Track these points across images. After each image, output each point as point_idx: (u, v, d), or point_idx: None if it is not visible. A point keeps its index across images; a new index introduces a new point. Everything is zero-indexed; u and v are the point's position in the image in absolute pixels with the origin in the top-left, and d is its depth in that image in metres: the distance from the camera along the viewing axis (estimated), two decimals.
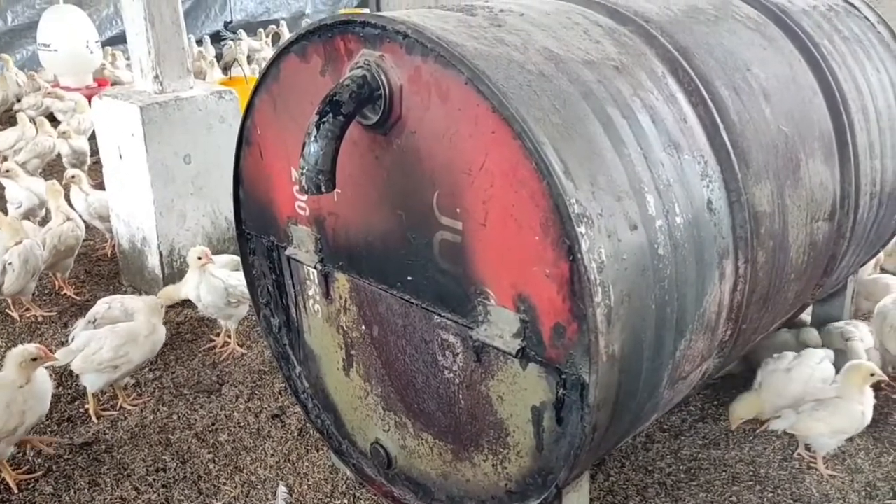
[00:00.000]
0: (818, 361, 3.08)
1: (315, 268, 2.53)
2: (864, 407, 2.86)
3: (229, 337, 3.89)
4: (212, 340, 3.95)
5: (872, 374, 2.83)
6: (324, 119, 1.98)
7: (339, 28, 2.13)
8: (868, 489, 2.87)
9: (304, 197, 2.48)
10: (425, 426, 2.42)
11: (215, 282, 3.62)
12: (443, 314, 2.17)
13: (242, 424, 3.29)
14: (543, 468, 2.11)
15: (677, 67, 2.28)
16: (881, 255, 3.92)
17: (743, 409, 3.07)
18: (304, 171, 1.99)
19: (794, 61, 2.69)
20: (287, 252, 2.61)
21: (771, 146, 2.42)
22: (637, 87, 2.13)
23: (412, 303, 2.26)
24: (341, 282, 2.50)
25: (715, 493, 2.85)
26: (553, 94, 1.93)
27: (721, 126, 2.26)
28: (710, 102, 2.27)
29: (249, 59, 9.43)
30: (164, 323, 3.80)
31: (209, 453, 3.11)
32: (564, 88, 1.97)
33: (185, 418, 3.35)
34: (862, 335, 3.29)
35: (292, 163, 2.46)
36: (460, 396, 2.26)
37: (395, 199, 2.17)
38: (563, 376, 1.94)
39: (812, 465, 2.97)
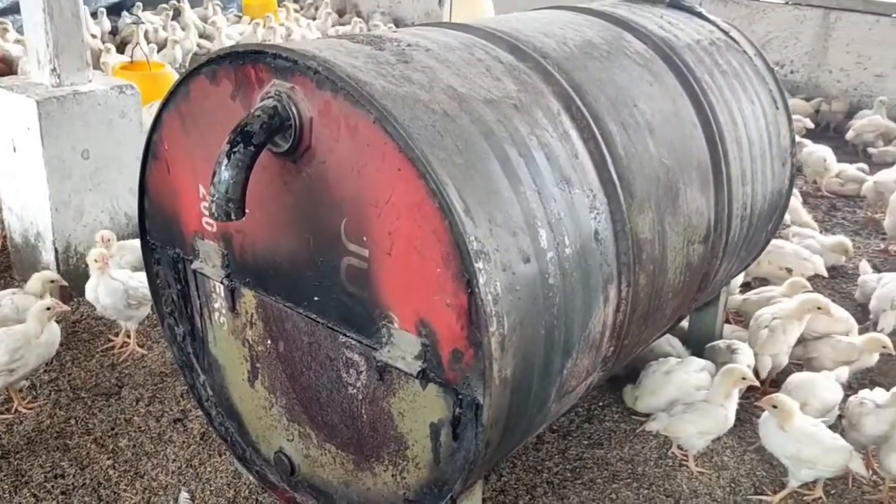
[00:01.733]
0: (697, 370, 3.36)
1: (221, 283, 2.59)
2: (727, 410, 3.15)
3: (128, 337, 3.86)
4: (110, 340, 3.92)
5: (744, 378, 3.13)
6: (234, 149, 2.04)
7: (250, 57, 2.19)
8: (732, 485, 3.17)
9: None
10: (328, 437, 2.53)
11: (114, 284, 3.59)
12: (348, 334, 2.28)
13: (143, 429, 3.30)
14: (440, 479, 2.26)
15: (571, 104, 2.45)
16: None
17: (627, 396, 3.42)
18: (215, 198, 2.05)
19: (677, 96, 2.91)
20: (193, 266, 2.65)
21: (653, 178, 2.63)
22: (534, 125, 2.28)
23: (318, 322, 2.35)
24: (248, 297, 2.56)
25: (597, 491, 3.09)
26: (456, 135, 2.05)
27: (609, 160, 2.45)
28: (599, 138, 2.45)
29: (147, 38, 9.14)
30: (59, 321, 3.75)
31: (109, 459, 3.12)
32: (467, 128, 2.10)
33: (83, 423, 3.33)
34: (744, 349, 3.60)
35: (200, 180, 2.50)
36: (363, 411, 2.37)
37: (303, 223, 2.26)
38: (460, 397, 2.09)
39: (684, 462, 3.26)
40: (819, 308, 3.62)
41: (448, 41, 2.45)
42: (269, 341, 2.57)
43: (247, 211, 2.30)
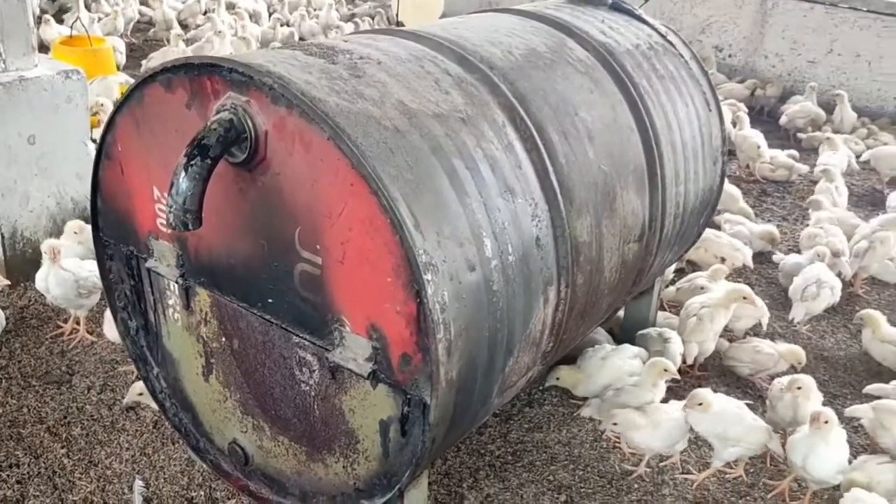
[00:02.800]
0: (630, 357, 3.56)
1: (176, 282, 2.66)
2: (654, 396, 3.37)
3: (78, 324, 3.89)
4: (59, 327, 3.94)
5: (666, 370, 3.34)
6: (192, 162, 2.11)
7: (206, 69, 2.25)
8: (660, 465, 3.40)
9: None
10: (282, 430, 2.65)
11: (65, 275, 3.61)
12: (301, 335, 2.39)
13: (96, 417, 3.36)
14: (388, 471, 2.40)
15: (515, 115, 2.57)
16: None
17: (564, 376, 3.59)
18: (172, 209, 2.12)
19: (616, 102, 3.06)
20: (147, 264, 2.71)
21: (592, 183, 2.79)
22: (480, 138, 2.40)
23: (272, 322, 2.45)
24: (202, 296, 2.64)
25: (536, 473, 3.28)
26: (406, 150, 2.16)
27: (551, 169, 2.59)
28: (542, 148, 2.58)
29: (87, 6, 8.91)
30: (5, 308, 3.77)
31: (63, 448, 3.18)
32: (417, 144, 2.21)
33: (35, 411, 3.37)
34: (675, 338, 3.81)
35: (154, 182, 2.56)
36: (315, 407, 2.50)
37: (257, 230, 2.34)
38: (409, 396, 2.22)
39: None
40: (744, 298, 3.86)
41: (399, 52, 2.54)
42: (223, 338, 2.66)
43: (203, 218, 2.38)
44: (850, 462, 3.18)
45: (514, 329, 2.43)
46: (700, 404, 3.14)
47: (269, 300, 2.43)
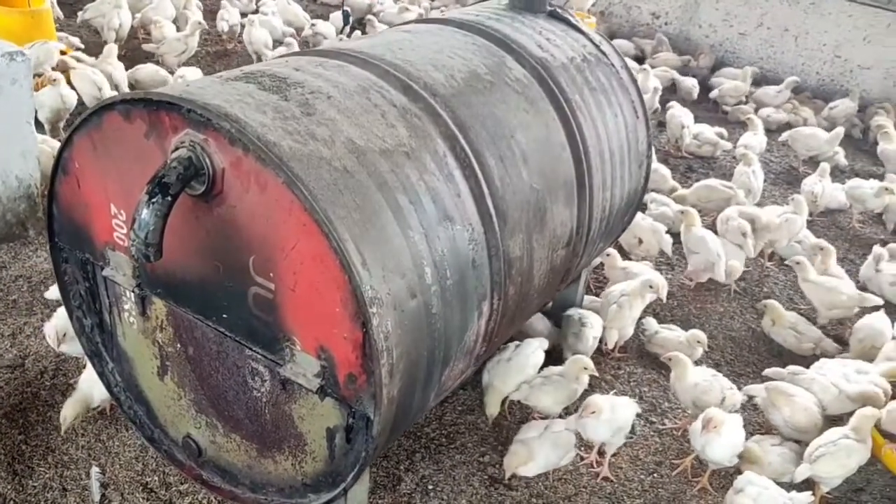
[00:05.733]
0: (532, 351, 3.81)
1: (133, 291, 2.81)
2: (578, 385, 3.70)
3: None
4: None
5: (586, 368, 3.66)
6: (153, 199, 2.26)
7: (164, 106, 2.37)
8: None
9: (124, 230, 2.72)
10: (234, 429, 2.87)
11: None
12: (254, 349, 2.59)
13: (50, 403, 3.51)
14: (334, 472, 2.66)
15: (456, 145, 2.76)
16: None
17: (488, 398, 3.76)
18: (135, 243, 2.27)
19: (550, 120, 3.27)
20: (104, 273, 2.85)
21: (525, 202, 3.02)
22: (422, 171, 2.59)
23: (226, 335, 2.64)
24: (158, 305, 2.81)
25: (467, 454, 3.59)
26: (354, 190, 2.35)
27: (487, 193, 2.80)
28: (479, 174, 2.79)
29: None
30: None
31: (20, 434, 3.33)
32: (364, 182, 2.39)
33: None
34: (593, 322, 4.12)
35: (111, 199, 2.68)
36: (266, 412, 2.72)
37: (213, 253, 2.51)
38: (353, 410, 2.46)
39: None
40: (651, 287, 4.20)
41: (347, 84, 2.69)
42: (178, 345, 2.84)
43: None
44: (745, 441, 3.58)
45: (451, 344, 2.68)
46: (593, 412, 3.44)
47: (224, 315, 2.61)
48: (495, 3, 4.01)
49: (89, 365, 3.24)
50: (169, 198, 2.27)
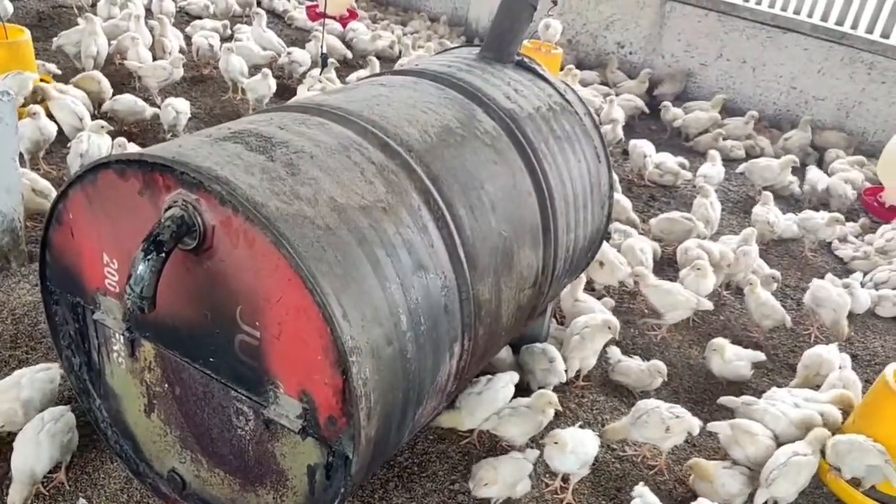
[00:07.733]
0: (503, 385, 4.01)
1: (122, 334, 2.97)
2: (544, 418, 3.91)
3: None
4: None
5: (551, 403, 3.87)
6: (148, 256, 2.43)
7: (158, 167, 2.54)
8: (542, 469, 3.95)
9: (116, 277, 2.88)
10: (218, 464, 3.03)
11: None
12: (239, 391, 2.76)
13: None
14: None
15: (430, 198, 2.97)
16: None
17: (446, 420, 3.92)
18: (130, 297, 2.44)
19: (517, 169, 3.49)
20: (95, 316, 3.00)
21: (493, 248, 3.23)
22: (399, 224, 2.79)
23: (212, 377, 2.81)
24: (147, 347, 2.96)
25: (438, 482, 3.78)
26: (336, 246, 2.53)
27: (458, 242, 3.01)
28: (451, 225, 3.00)
29: None
30: None
31: (5, 462, 3.45)
32: (345, 239, 2.58)
33: None
34: (559, 358, 4.35)
35: (104, 249, 2.84)
36: (250, 448, 2.88)
37: (202, 302, 2.68)
38: (333, 449, 2.64)
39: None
40: (609, 328, 4.44)
41: (329, 143, 2.88)
42: (165, 385, 3.00)
43: None
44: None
45: (424, 385, 2.87)
46: (556, 443, 3.66)
47: (211, 359, 2.78)
48: (466, 51, 4.23)
49: (18, 443, 3.31)
50: (163, 254, 2.44)
